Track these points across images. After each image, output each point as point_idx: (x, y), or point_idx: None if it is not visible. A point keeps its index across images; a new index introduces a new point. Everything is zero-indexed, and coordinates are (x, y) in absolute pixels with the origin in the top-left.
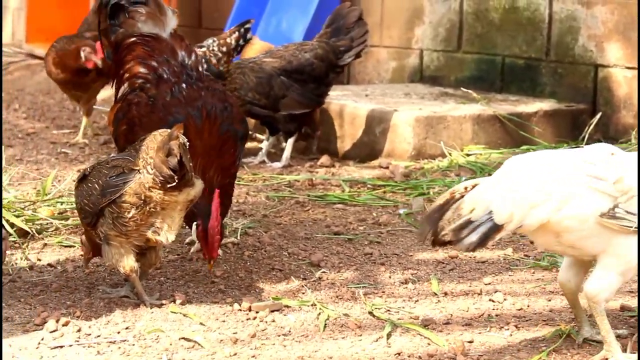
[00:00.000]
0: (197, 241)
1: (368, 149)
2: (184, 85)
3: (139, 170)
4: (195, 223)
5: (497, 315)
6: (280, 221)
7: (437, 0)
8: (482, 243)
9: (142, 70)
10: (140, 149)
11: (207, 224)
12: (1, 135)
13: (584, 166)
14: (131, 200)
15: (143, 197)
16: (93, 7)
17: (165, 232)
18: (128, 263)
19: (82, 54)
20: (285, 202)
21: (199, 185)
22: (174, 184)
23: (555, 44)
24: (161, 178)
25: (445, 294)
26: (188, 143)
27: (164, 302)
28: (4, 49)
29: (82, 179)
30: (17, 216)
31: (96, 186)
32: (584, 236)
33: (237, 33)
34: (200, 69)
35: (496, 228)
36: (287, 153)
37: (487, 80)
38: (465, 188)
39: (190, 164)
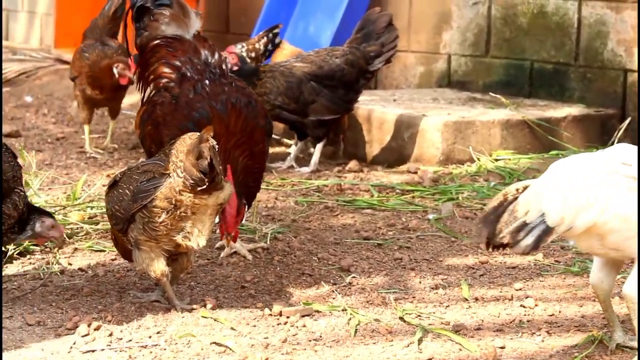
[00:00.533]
0: (226, 246)
1: (396, 154)
2: (207, 81)
3: (169, 175)
4: None
5: (528, 321)
6: (309, 226)
7: (465, 5)
8: (536, 246)
9: (165, 70)
10: (170, 153)
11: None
12: (1, 135)
13: (622, 168)
14: (162, 205)
15: (174, 202)
16: (102, 12)
17: (196, 237)
18: (159, 267)
19: (116, 71)
20: (314, 207)
21: (228, 188)
22: (205, 186)
23: (584, 49)
24: (191, 181)
25: (476, 299)
26: (214, 137)
27: (194, 306)
28: (32, 54)
29: (113, 185)
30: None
31: (127, 192)
32: (627, 237)
33: (265, 38)
34: (223, 67)
35: (548, 230)
36: (315, 158)
37: (516, 85)
38: (517, 190)
39: (221, 167)
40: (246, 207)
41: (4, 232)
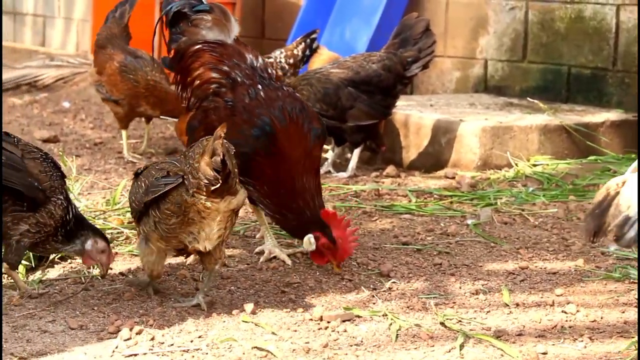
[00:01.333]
0: (266, 250)
1: (433, 159)
2: (259, 86)
3: (183, 176)
4: (312, 236)
5: (570, 327)
6: None
7: (502, 9)
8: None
9: (214, 75)
10: (188, 155)
11: (330, 234)
12: (1, 135)
13: None
14: (172, 209)
15: (183, 207)
16: (114, 20)
17: (203, 241)
18: (156, 268)
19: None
20: (353, 212)
21: (242, 194)
22: (218, 185)
23: (622, 54)
24: (205, 181)
25: (517, 304)
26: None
27: (195, 302)
28: (69, 59)
29: (136, 176)
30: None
31: (143, 185)
32: None
33: (303, 44)
34: (270, 71)
35: None
36: (352, 163)
37: (553, 90)
38: (617, 184)
39: (236, 169)
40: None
41: (43, 241)
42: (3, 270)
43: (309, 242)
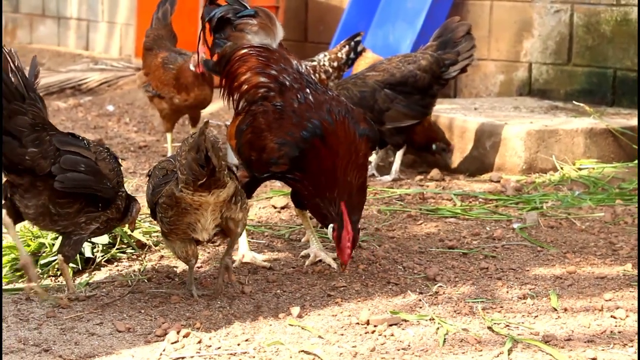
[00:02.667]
0: (311, 254)
1: (478, 162)
2: (307, 90)
3: (175, 172)
4: (331, 225)
5: (619, 332)
6: (393, 235)
7: (547, 12)
8: None
9: (262, 79)
10: (178, 152)
11: (341, 230)
12: (1, 140)
13: None
14: (167, 202)
15: (176, 200)
16: (159, 22)
17: (200, 232)
18: (182, 254)
19: (192, 66)
20: (397, 216)
21: (230, 187)
22: (204, 180)
23: None
24: (192, 177)
25: (565, 309)
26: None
27: (198, 294)
28: (113, 63)
29: (148, 177)
30: (135, 228)
31: (150, 186)
32: None
33: (347, 47)
34: (313, 77)
35: None
36: (396, 166)
37: (598, 93)
38: None
39: (223, 162)
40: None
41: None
42: (58, 264)
43: (330, 231)
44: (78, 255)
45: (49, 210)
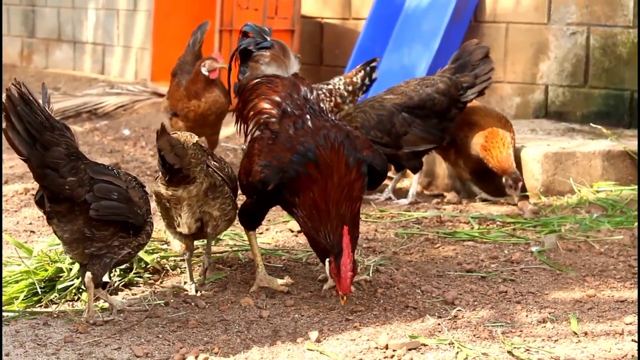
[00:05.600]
0: (330, 278)
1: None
2: (308, 116)
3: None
4: (327, 260)
5: None
6: (410, 258)
7: (563, 35)
8: None
9: (266, 106)
10: None
11: (339, 260)
12: (1, 153)
13: None
14: (155, 198)
15: (156, 194)
16: (188, 49)
17: (183, 226)
18: (175, 247)
19: (204, 70)
20: (415, 239)
21: (203, 183)
22: (167, 177)
23: None
24: (160, 175)
25: (586, 333)
26: (192, 141)
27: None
28: (129, 87)
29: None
30: (152, 253)
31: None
32: None
33: (362, 72)
34: (322, 105)
35: None
36: (413, 190)
37: (615, 115)
38: None
39: (193, 160)
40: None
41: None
42: (86, 285)
43: (327, 266)
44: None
45: (84, 233)
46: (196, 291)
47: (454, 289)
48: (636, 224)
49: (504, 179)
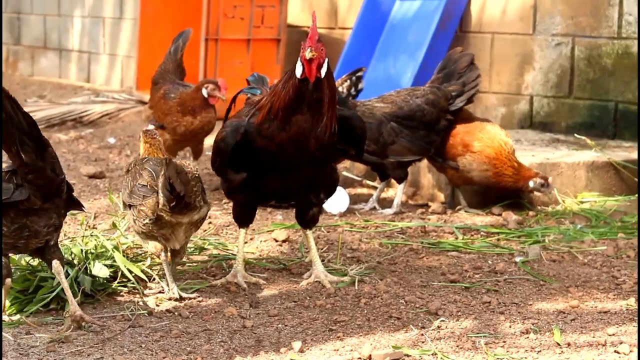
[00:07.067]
0: (312, 275)
1: (479, 195)
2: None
3: (156, 192)
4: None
5: None
6: (395, 268)
7: (548, 45)
8: None
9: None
10: (157, 171)
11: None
12: (1, 155)
13: None
14: (148, 213)
15: (156, 215)
16: (169, 57)
17: (172, 242)
18: (150, 249)
19: (205, 91)
20: (399, 249)
21: (204, 209)
22: (173, 204)
23: None
24: (164, 202)
25: (569, 344)
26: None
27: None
28: (115, 95)
29: (127, 171)
30: (136, 261)
31: (128, 185)
32: None
33: (348, 81)
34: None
35: None
36: (397, 200)
37: (600, 126)
38: None
39: (195, 189)
40: None
41: None
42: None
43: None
44: (79, 288)
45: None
46: (180, 297)
47: (437, 300)
48: (620, 234)
49: (531, 185)
